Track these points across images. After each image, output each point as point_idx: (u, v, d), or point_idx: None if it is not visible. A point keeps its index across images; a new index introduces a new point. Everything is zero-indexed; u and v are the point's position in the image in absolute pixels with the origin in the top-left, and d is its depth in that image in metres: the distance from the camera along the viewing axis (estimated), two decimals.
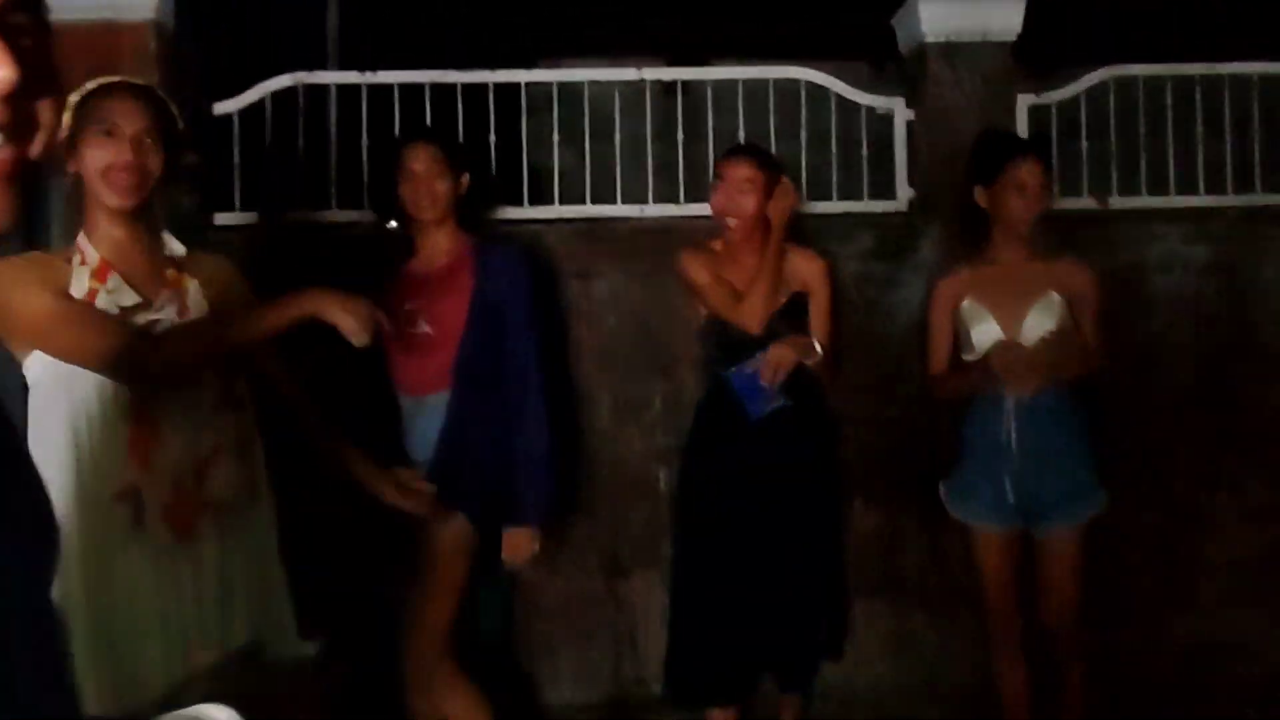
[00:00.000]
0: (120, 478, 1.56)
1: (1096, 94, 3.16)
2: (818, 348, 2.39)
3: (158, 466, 1.58)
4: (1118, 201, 3.18)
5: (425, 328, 2.21)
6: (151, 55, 2.69)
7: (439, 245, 2.30)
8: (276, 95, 2.91)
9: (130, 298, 1.65)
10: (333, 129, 3.05)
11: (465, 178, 2.31)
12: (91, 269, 1.63)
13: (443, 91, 2.97)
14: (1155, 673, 3.01)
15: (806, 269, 2.48)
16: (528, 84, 3.14)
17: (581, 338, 2.97)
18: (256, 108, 2.90)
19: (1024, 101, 3.11)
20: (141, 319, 1.64)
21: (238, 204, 2.91)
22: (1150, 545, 3.11)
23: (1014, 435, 2.32)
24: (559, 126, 3.08)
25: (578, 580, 3.00)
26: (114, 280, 1.64)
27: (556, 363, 2.77)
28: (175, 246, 1.77)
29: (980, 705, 2.87)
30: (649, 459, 2.96)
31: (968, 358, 2.45)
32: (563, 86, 3.11)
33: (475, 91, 3.00)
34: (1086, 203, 3.17)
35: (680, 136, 3.08)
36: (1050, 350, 2.30)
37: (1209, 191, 3.22)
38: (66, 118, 1.60)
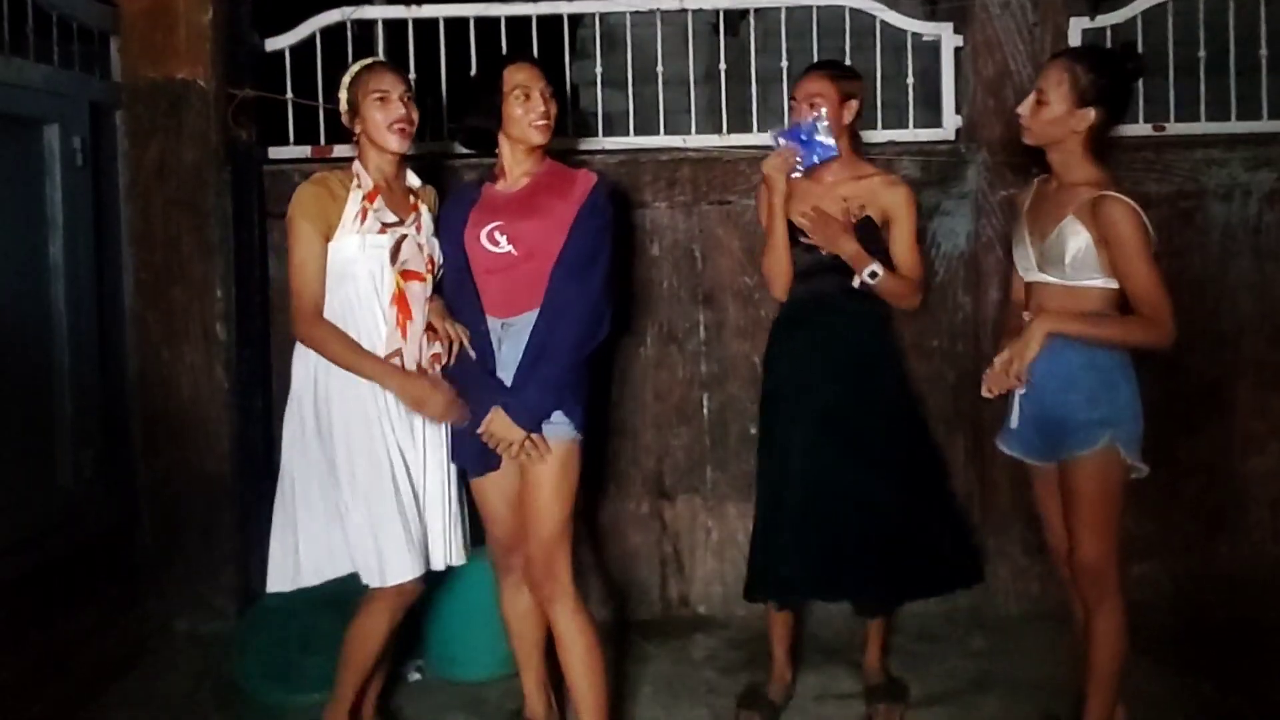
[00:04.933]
0: (391, 343, 2.17)
1: (1154, 16, 3.07)
2: (877, 269, 2.34)
3: (411, 337, 2.17)
4: (1175, 127, 3.10)
5: (509, 248, 2.18)
6: None
7: (523, 167, 2.25)
8: (326, 31, 2.98)
9: (389, 216, 2.20)
10: None
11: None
12: (365, 192, 2.19)
13: (488, 30, 3.01)
14: (1204, 601, 2.98)
15: (886, 194, 2.42)
16: (572, 28, 3.14)
17: (625, 267, 3.01)
18: (307, 43, 2.97)
19: (1077, 25, 3.04)
20: (396, 233, 2.19)
21: (292, 138, 3.00)
22: (1205, 477, 3.06)
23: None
24: (603, 69, 3.08)
25: (624, 503, 3.06)
26: (379, 202, 2.19)
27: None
28: (413, 180, 2.32)
29: (1026, 634, 2.88)
30: (693, 386, 3.00)
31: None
32: (606, 30, 3.11)
33: (520, 30, 3.02)
34: (1142, 129, 3.09)
35: (723, 67, 3.08)
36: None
37: (1273, 117, 3.11)
38: (344, 94, 2.22)
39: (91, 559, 2.74)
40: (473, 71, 2.95)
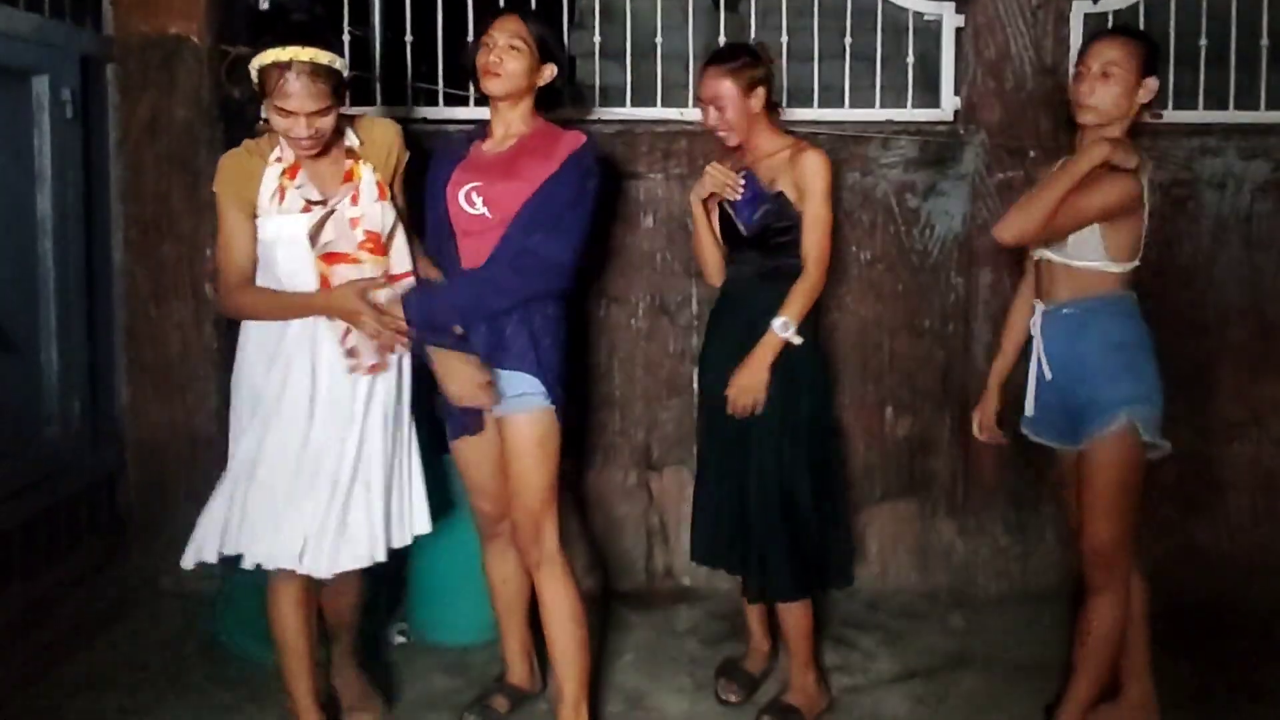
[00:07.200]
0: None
1: (1156, 2, 3.07)
2: (786, 322, 2.27)
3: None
4: (1172, 115, 3.10)
5: (483, 210, 2.16)
6: None
7: (510, 127, 2.22)
8: None
9: (313, 194, 2.00)
10: (377, 24, 3.08)
11: (549, 69, 2.22)
12: (285, 167, 2.00)
13: None
14: (1181, 584, 2.99)
15: (796, 164, 2.29)
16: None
17: (618, 239, 3.00)
18: None
19: (1079, 9, 3.02)
20: (320, 211, 1.99)
21: None
22: (1185, 461, 3.07)
23: (1039, 344, 2.21)
24: (601, 40, 3.05)
25: (611, 474, 3.07)
26: (301, 178, 2.00)
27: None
28: (352, 140, 2.08)
29: (1005, 614, 2.91)
30: (683, 359, 3.00)
31: None
32: (605, 1, 3.07)
33: None
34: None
35: (722, 43, 3.05)
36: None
37: (1270, 107, 3.12)
38: (254, 74, 1.92)
39: (76, 512, 2.73)
40: (470, 35, 2.92)
